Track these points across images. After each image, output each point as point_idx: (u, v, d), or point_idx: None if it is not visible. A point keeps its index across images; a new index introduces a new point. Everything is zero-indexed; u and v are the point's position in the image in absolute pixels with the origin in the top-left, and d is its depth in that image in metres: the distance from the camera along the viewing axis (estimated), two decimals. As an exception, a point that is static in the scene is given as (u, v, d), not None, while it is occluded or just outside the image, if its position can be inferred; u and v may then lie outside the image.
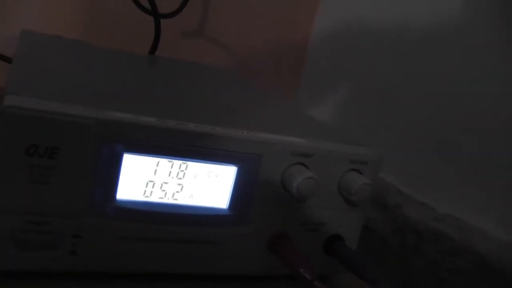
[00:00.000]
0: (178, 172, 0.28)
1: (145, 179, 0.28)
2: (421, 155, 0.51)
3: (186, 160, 0.28)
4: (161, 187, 0.28)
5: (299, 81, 0.74)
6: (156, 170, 0.28)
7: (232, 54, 0.70)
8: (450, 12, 0.49)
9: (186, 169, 0.28)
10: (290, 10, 0.71)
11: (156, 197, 0.28)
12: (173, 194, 0.29)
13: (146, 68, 0.49)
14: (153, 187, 0.28)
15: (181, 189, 0.29)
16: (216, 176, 0.29)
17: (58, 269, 0.27)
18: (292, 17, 0.71)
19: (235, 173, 0.29)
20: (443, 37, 0.50)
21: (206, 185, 0.29)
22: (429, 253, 0.46)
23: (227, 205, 0.30)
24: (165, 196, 0.28)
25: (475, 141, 0.45)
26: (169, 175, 0.28)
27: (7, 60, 0.55)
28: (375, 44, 0.59)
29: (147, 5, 0.59)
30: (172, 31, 0.65)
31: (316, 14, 0.72)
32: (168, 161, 0.28)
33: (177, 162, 0.28)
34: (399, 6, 0.56)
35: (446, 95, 0.49)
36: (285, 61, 0.73)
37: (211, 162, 0.29)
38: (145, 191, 0.28)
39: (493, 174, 0.43)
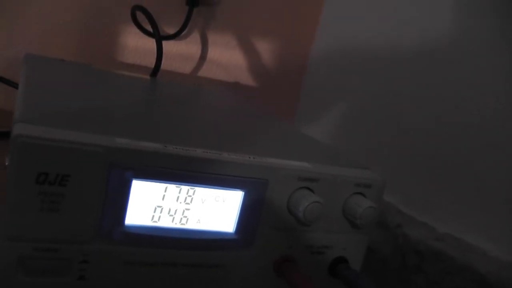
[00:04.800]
0: (186, 197, 0.29)
1: (153, 205, 0.28)
2: (421, 175, 0.51)
3: (194, 186, 0.28)
4: (169, 212, 0.28)
5: (299, 101, 0.75)
6: (164, 196, 0.28)
7: (232, 74, 0.70)
8: (449, 30, 0.51)
9: (193, 194, 0.29)
10: (290, 30, 0.72)
11: (164, 222, 0.28)
12: (181, 219, 0.29)
13: (150, 91, 0.49)
14: (161, 212, 0.28)
15: (189, 214, 0.29)
16: (223, 201, 0.29)
17: (66, 295, 0.27)
18: (292, 37, 0.72)
19: (242, 197, 0.30)
20: (443, 56, 0.51)
21: (214, 210, 0.29)
22: (429, 272, 0.46)
23: (234, 229, 0.30)
24: (173, 221, 0.29)
25: (474, 161, 0.46)
26: (177, 200, 0.28)
27: (10, 83, 0.55)
28: (374, 64, 0.60)
29: (149, 28, 0.59)
30: (173, 52, 0.66)
31: (316, 34, 0.73)
32: (176, 186, 0.28)
33: (185, 188, 0.28)
34: (398, 26, 0.57)
35: (445, 115, 0.50)
36: (285, 81, 0.74)
37: (218, 187, 0.29)
38: (153, 216, 0.28)
39: (493, 194, 0.44)
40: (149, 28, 0.59)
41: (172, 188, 0.28)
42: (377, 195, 0.32)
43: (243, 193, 0.30)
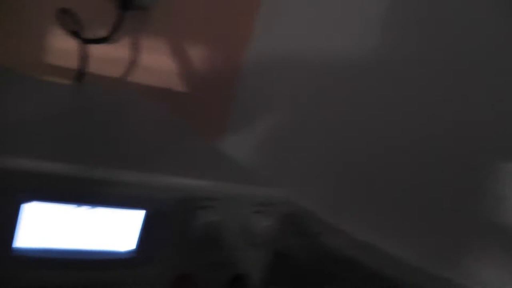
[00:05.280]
0: (84, 218, 0.28)
1: (47, 227, 0.28)
2: (342, 185, 0.53)
3: (93, 206, 0.28)
4: (64, 233, 0.28)
5: (231, 108, 0.75)
6: (60, 217, 0.28)
7: (165, 80, 0.70)
8: (379, 42, 0.52)
9: (92, 214, 0.28)
10: (224, 37, 0.72)
11: (59, 244, 0.28)
12: (78, 239, 0.29)
13: (65, 99, 0.48)
14: (55, 234, 0.28)
15: (86, 234, 0.29)
16: (124, 220, 0.29)
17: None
18: (226, 44, 0.72)
19: (144, 216, 0.30)
20: (371, 67, 0.53)
21: (114, 229, 0.29)
22: (345, 279, 0.48)
23: (134, 248, 0.30)
24: (69, 242, 0.28)
25: (394, 172, 0.48)
26: (73, 221, 0.28)
27: None
28: (307, 72, 0.61)
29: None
30: (104, 56, 0.65)
31: (250, 41, 0.74)
32: (73, 207, 0.28)
33: (81, 208, 0.28)
34: (331, 35, 0.59)
35: (372, 126, 0.52)
36: (218, 88, 0.74)
37: (119, 207, 0.29)
38: (47, 238, 0.28)
39: (409, 205, 0.46)
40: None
41: (69, 209, 0.28)
42: (278, 213, 0.33)
43: (145, 211, 0.30)
